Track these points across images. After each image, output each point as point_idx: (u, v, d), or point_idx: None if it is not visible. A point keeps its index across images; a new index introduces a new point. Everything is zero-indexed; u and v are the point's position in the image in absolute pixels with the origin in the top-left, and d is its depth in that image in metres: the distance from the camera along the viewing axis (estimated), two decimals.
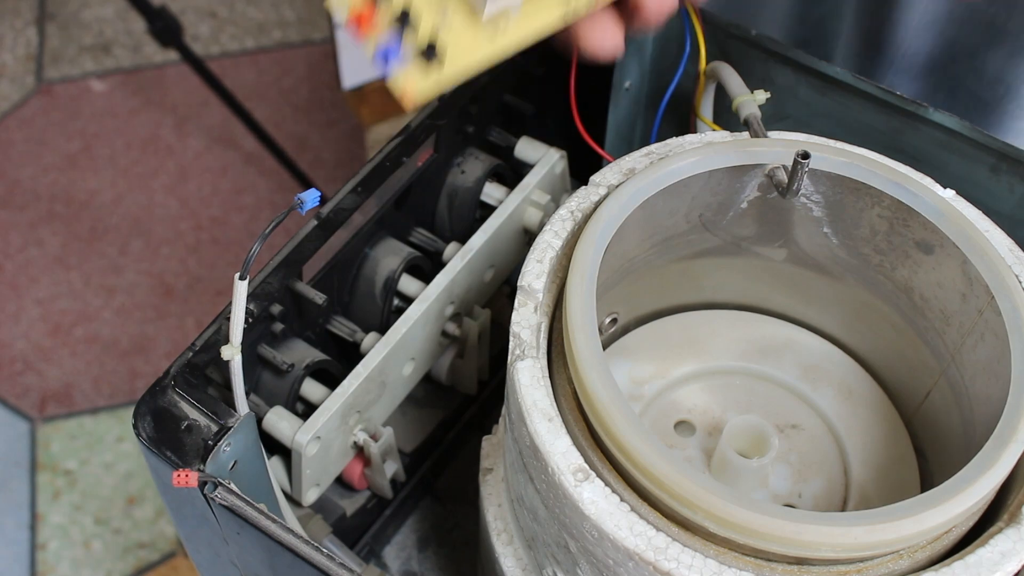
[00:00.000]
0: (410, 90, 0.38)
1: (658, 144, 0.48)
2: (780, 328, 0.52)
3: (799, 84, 0.56)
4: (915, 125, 0.53)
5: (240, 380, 0.45)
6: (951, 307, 0.44)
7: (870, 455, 0.48)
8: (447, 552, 0.60)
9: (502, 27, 0.39)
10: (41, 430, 1.40)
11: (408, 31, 0.38)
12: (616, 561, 0.38)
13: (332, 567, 0.40)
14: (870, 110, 0.54)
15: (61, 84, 1.75)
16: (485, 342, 0.57)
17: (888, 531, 0.36)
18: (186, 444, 0.43)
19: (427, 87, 0.38)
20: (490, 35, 0.39)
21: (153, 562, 1.29)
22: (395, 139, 0.53)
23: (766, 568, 0.37)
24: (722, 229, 0.48)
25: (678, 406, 0.49)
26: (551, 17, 0.39)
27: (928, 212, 0.43)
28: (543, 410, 0.40)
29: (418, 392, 0.59)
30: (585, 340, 0.39)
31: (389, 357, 0.51)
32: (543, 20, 0.39)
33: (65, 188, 1.63)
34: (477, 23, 0.39)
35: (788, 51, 0.55)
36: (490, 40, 0.39)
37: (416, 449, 0.59)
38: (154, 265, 1.56)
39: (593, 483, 0.38)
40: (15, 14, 1.85)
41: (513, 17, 0.39)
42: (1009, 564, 0.37)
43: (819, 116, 0.56)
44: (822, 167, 0.44)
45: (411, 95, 0.38)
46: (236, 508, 0.42)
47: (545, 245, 0.44)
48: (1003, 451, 0.37)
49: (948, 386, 0.46)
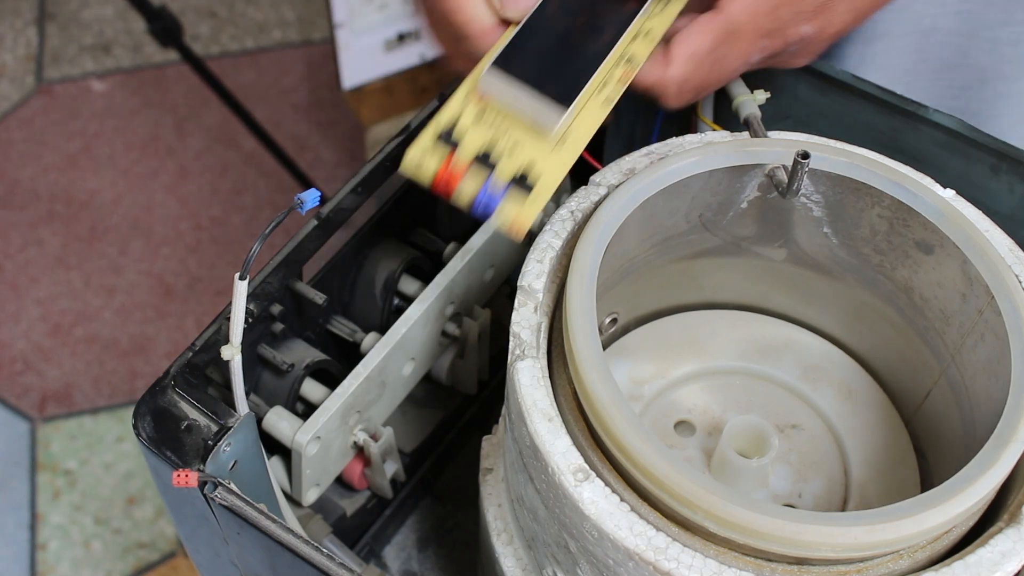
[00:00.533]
0: (519, 223, 0.41)
1: (658, 144, 0.48)
2: (780, 328, 0.52)
3: (799, 84, 0.56)
4: (915, 125, 0.53)
5: (240, 380, 0.45)
6: (951, 307, 0.44)
7: (870, 455, 0.48)
8: (447, 552, 0.60)
9: (566, 135, 0.43)
10: (41, 430, 1.40)
11: (493, 171, 0.41)
12: (616, 561, 0.38)
13: (332, 567, 0.40)
14: (870, 110, 0.54)
15: (61, 84, 1.75)
16: (485, 342, 0.57)
17: (888, 531, 0.36)
18: (186, 444, 0.43)
19: (531, 213, 0.41)
20: (561, 145, 0.43)
21: (153, 562, 1.29)
22: (395, 139, 0.53)
23: (766, 568, 0.37)
24: (722, 229, 0.48)
25: (678, 406, 0.49)
26: (600, 113, 0.44)
27: (928, 212, 0.43)
28: (543, 410, 0.40)
29: (418, 392, 0.59)
30: (585, 340, 0.39)
31: (389, 357, 0.51)
32: (595, 117, 0.43)
33: (65, 188, 1.63)
34: (547, 141, 0.42)
35: None
36: (563, 150, 0.42)
37: (416, 449, 0.59)
38: (154, 265, 1.56)
39: (593, 483, 0.38)
40: (15, 14, 1.85)
41: (570, 124, 0.43)
42: (1009, 564, 0.37)
43: (819, 116, 0.56)
44: (822, 167, 0.44)
45: (520, 227, 0.41)
46: (236, 508, 0.42)
47: (545, 245, 0.44)
48: (1003, 451, 0.37)
49: (948, 386, 0.46)
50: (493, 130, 0.42)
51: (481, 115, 0.43)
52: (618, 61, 0.45)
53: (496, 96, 0.42)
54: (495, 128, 0.42)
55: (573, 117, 0.43)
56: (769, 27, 0.46)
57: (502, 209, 0.40)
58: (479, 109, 0.43)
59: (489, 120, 0.42)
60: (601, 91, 0.44)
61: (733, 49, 0.46)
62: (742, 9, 0.46)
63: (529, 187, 0.40)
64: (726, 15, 0.46)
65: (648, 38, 0.46)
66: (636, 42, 0.45)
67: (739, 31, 0.46)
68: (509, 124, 0.42)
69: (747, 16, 0.46)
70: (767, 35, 0.46)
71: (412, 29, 1.54)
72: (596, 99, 0.44)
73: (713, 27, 0.46)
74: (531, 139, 0.42)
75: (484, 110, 0.43)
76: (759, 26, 0.46)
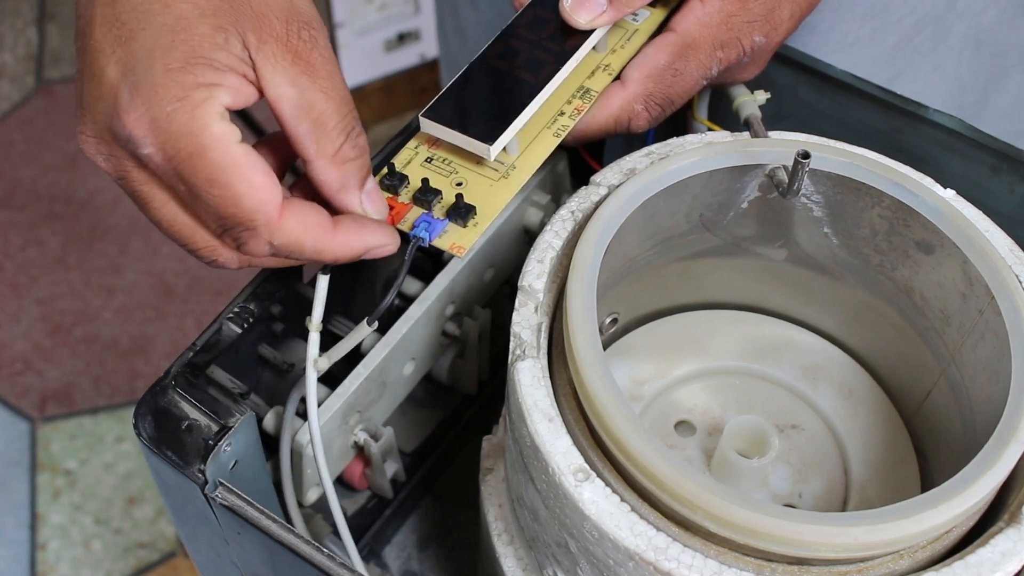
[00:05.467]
0: (457, 245, 0.43)
1: (658, 144, 0.48)
2: (780, 328, 0.52)
3: (799, 84, 0.56)
4: (915, 125, 0.53)
5: (314, 394, 0.46)
6: (951, 307, 0.44)
7: (870, 455, 0.48)
8: (447, 552, 0.60)
9: (510, 162, 0.46)
10: (41, 430, 1.40)
11: (433, 201, 0.44)
12: (616, 561, 0.38)
13: (332, 567, 0.40)
14: (870, 110, 0.54)
15: (61, 84, 1.75)
16: (485, 342, 0.57)
17: (888, 531, 0.36)
18: (186, 444, 0.43)
19: (471, 237, 0.43)
20: (503, 175, 0.45)
21: (153, 562, 1.29)
22: (395, 139, 0.53)
23: (766, 568, 0.37)
24: (722, 229, 0.48)
25: (678, 406, 0.49)
26: (548, 143, 0.46)
27: (928, 212, 0.43)
28: (543, 410, 0.40)
29: (418, 392, 0.59)
30: (585, 340, 0.39)
31: (389, 357, 0.51)
32: (544, 148, 0.46)
33: (65, 188, 1.63)
34: (487, 168, 0.45)
35: (788, 51, 0.55)
36: (505, 178, 0.45)
37: (416, 449, 0.59)
38: (154, 265, 1.56)
39: (593, 483, 0.38)
40: (15, 14, 1.85)
41: (515, 155, 0.46)
42: (1009, 564, 0.37)
43: (819, 116, 0.56)
44: (822, 167, 0.44)
45: (460, 249, 0.43)
46: (236, 508, 0.42)
47: (545, 245, 0.44)
48: (1003, 451, 0.37)
49: (948, 386, 0.46)
50: (441, 167, 0.46)
51: (432, 154, 0.46)
52: (574, 95, 0.48)
53: (438, 136, 0.45)
54: (444, 165, 0.46)
55: (520, 150, 0.46)
56: (724, 38, 0.47)
57: (440, 234, 0.43)
58: (431, 150, 0.46)
59: (441, 157, 0.46)
60: (553, 123, 0.47)
61: (691, 62, 0.48)
62: (695, 22, 0.47)
63: (467, 217, 0.44)
64: (679, 32, 0.47)
65: (606, 72, 0.48)
66: (594, 77, 0.48)
67: (694, 44, 0.47)
68: (458, 159, 0.46)
69: (700, 28, 0.47)
70: (722, 46, 0.48)
71: (412, 29, 1.54)
72: (547, 131, 0.47)
73: (667, 43, 0.47)
74: (471, 167, 0.45)
75: (435, 148, 0.46)
76: (714, 36, 0.47)
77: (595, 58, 0.48)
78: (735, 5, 0.47)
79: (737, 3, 0.47)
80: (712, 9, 0.47)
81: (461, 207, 0.43)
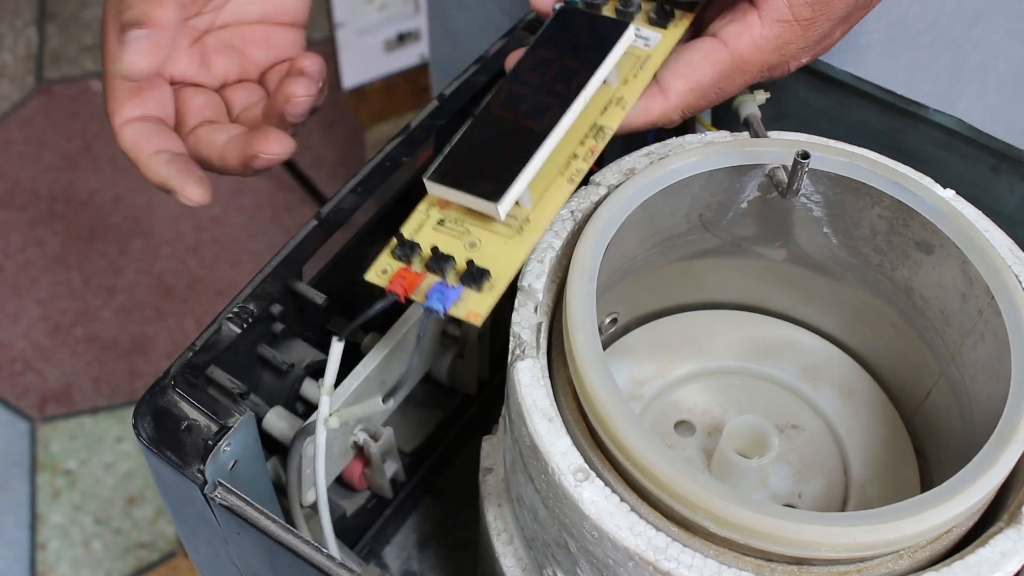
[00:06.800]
0: (474, 312, 0.40)
1: (658, 144, 0.48)
2: (780, 328, 0.52)
3: (799, 84, 0.56)
4: (915, 125, 0.53)
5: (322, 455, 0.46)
6: (951, 307, 0.44)
7: (870, 455, 0.48)
8: (447, 552, 0.60)
9: (523, 216, 0.43)
10: (41, 430, 1.40)
11: (447, 267, 0.41)
12: (616, 561, 0.38)
13: (332, 567, 0.40)
14: (870, 110, 0.54)
15: (61, 84, 1.75)
16: (485, 342, 0.57)
17: (888, 531, 0.36)
18: (186, 444, 0.43)
19: (487, 302, 0.41)
20: (516, 230, 0.42)
21: (153, 562, 1.29)
22: (395, 139, 0.53)
23: (766, 568, 0.37)
24: (722, 229, 0.48)
25: (678, 406, 0.49)
26: (563, 191, 0.43)
27: (928, 212, 0.43)
28: (543, 410, 0.40)
29: (418, 392, 0.59)
30: (585, 340, 0.39)
31: (389, 357, 0.51)
32: (560, 196, 0.43)
33: (65, 188, 1.63)
34: (500, 227, 0.42)
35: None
36: (519, 233, 0.42)
37: (416, 449, 0.59)
38: (154, 265, 1.56)
39: (593, 483, 0.38)
40: (15, 14, 1.85)
41: (529, 208, 0.43)
42: (1009, 564, 0.37)
43: (819, 116, 0.56)
44: (822, 167, 0.44)
45: (476, 316, 0.40)
46: (236, 508, 0.42)
47: (545, 245, 0.44)
48: (1003, 451, 0.37)
49: (948, 386, 0.46)
50: (452, 230, 0.43)
51: (444, 216, 0.43)
52: (587, 135, 0.45)
53: (445, 198, 0.43)
54: (456, 226, 0.43)
55: (534, 202, 0.43)
56: (774, 62, 0.46)
57: (456, 302, 0.41)
58: (442, 211, 0.43)
59: (452, 218, 0.43)
60: (567, 168, 0.44)
61: (736, 82, 0.46)
62: (750, 45, 0.45)
63: (481, 281, 0.41)
64: (732, 51, 0.45)
65: (619, 106, 0.45)
66: (607, 113, 0.45)
67: (744, 67, 0.45)
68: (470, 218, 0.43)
69: (754, 52, 0.45)
70: (770, 69, 0.46)
71: (412, 29, 1.54)
72: (561, 178, 0.43)
73: (716, 60, 0.45)
74: (484, 228, 0.43)
75: (447, 209, 0.43)
76: (765, 60, 0.46)
77: (607, 92, 0.45)
78: (794, 32, 0.45)
79: (798, 30, 0.45)
80: (770, 33, 0.45)
81: (474, 271, 0.41)
